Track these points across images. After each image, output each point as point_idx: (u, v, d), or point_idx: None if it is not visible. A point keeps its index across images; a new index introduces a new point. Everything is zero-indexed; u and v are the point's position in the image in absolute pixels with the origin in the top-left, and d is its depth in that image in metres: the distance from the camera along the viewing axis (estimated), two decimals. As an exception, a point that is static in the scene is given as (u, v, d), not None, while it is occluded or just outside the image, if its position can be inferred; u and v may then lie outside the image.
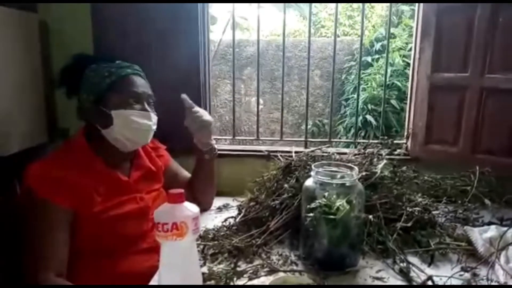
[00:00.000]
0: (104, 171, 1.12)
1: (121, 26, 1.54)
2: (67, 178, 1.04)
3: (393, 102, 3.75)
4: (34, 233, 1.01)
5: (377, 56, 4.14)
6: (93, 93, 1.13)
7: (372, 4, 4.93)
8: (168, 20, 1.53)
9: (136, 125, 1.13)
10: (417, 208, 1.13)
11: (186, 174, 1.41)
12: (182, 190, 0.76)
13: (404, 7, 4.13)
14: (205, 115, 1.29)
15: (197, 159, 1.36)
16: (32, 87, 1.49)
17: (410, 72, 1.68)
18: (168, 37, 1.54)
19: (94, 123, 1.13)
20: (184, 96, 1.29)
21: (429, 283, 0.91)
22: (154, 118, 1.18)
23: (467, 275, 0.95)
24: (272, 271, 0.97)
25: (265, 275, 0.95)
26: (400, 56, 3.83)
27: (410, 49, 2.00)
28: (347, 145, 2.92)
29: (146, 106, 1.16)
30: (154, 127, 1.18)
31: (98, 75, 1.13)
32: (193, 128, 1.28)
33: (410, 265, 0.98)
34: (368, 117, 3.79)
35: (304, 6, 4.33)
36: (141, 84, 1.18)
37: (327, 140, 1.79)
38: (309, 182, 1.01)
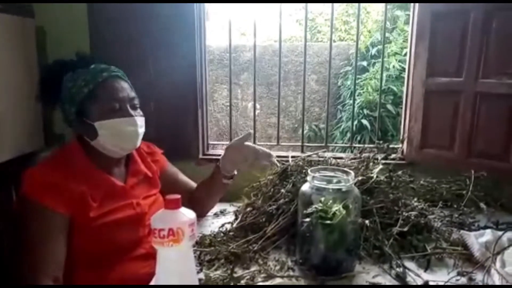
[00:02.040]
0: (99, 176, 1.12)
1: (118, 32, 1.54)
2: (62, 183, 1.04)
3: (389, 106, 3.77)
4: (30, 237, 1.01)
5: (373, 61, 4.16)
6: (74, 104, 1.10)
7: (368, 9, 4.96)
8: (165, 25, 1.53)
9: (121, 133, 1.10)
10: (413, 213, 1.13)
11: (185, 178, 1.40)
12: (178, 196, 0.76)
13: (399, 13, 4.16)
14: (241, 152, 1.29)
15: (214, 177, 1.34)
16: (29, 93, 1.49)
17: (405, 77, 1.69)
18: (164, 42, 1.55)
19: (81, 134, 1.13)
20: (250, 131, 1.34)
21: None
22: (140, 120, 1.14)
23: (463, 279, 0.96)
24: (269, 277, 0.97)
25: (262, 281, 0.95)
26: (396, 60, 3.85)
27: (406, 54, 2.01)
28: (343, 150, 2.93)
29: (130, 110, 1.12)
30: (141, 129, 1.15)
31: (75, 85, 1.10)
32: (246, 156, 1.27)
33: (407, 270, 0.98)
34: (364, 121, 3.81)
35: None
36: (121, 87, 1.12)
37: (323, 144, 1.79)
38: (305, 187, 1.01)
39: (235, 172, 1.34)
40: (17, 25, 1.43)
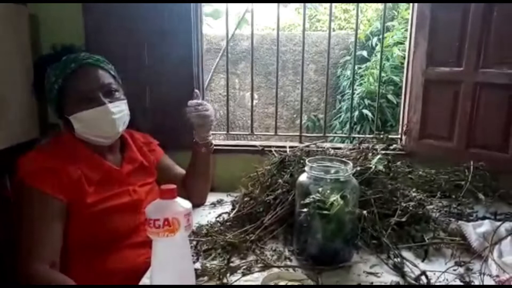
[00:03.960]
0: (94, 160, 1.12)
1: (113, 20, 1.51)
2: (58, 168, 1.04)
3: (390, 97, 3.75)
4: (27, 223, 1.01)
5: (373, 50, 4.12)
6: (50, 102, 1.12)
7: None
8: (161, 13, 1.51)
9: (96, 123, 1.10)
10: (411, 203, 1.13)
11: (180, 169, 1.40)
12: (174, 186, 0.75)
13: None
14: (209, 110, 1.30)
15: (193, 152, 1.35)
16: (23, 82, 1.47)
17: (405, 66, 1.67)
18: (160, 31, 1.52)
19: (65, 127, 1.14)
20: (196, 91, 1.33)
21: (423, 278, 0.90)
22: (116, 107, 1.12)
23: (460, 269, 0.96)
24: (266, 266, 0.96)
25: (259, 271, 0.95)
26: (399, 50, 3.81)
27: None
28: (342, 140, 2.92)
29: (102, 98, 1.09)
30: (118, 115, 1.12)
31: (49, 81, 1.11)
32: (194, 120, 1.28)
33: (404, 260, 0.98)
34: (365, 111, 3.79)
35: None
36: (90, 76, 1.10)
37: (322, 135, 1.78)
38: (303, 177, 1.00)
39: (210, 138, 1.35)
40: (8, 12, 1.40)
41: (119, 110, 1.13)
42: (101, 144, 1.14)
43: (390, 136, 1.45)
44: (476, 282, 0.91)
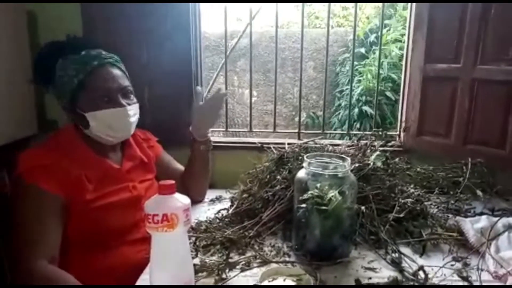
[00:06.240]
0: (94, 159, 1.12)
1: (111, 17, 1.51)
2: (57, 165, 1.04)
3: (388, 93, 3.76)
4: (25, 219, 1.01)
5: (373, 47, 4.13)
6: (65, 94, 1.10)
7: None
8: (160, 10, 1.50)
9: (113, 124, 1.10)
10: (409, 199, 1.14)
11: (178, 166, 1.40)
12: (173, 181, 0.76)
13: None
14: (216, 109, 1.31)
15: (192, 149, 1.35)
16: (21, 78, 1.47)
17: (403, 63, 1.67)
18: (159, 28, 1.52)
19: (75, 122, 1.13)
20: (198, 88, 1.35)
21: (421, 273, 0.91)
22: (132, 109, 1.14)
23: (458, 265, 0.96)
24: (265, 262, 0.97)
25: (258, 267, 0.95)
26: (397, 47, 3.81)
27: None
28: (341, 137, 2.92)
29: (121, 99, 1.11)
30: (133, 118, 1.14)
31: (66, 74, 1.09)
32: (199, 113, 1.29)
33: (402, 256, 0.98)
34: (365, 108, 3.79)
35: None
36: (111, 76, 1.11)
37: (320, 131, 1.78)
38: (301, 173, 1.01)
39: (209, 135, 1.35)
40: (7, 9, 1.39)
41: (134, 113, 1.15)
42: (108, 143, 1.15)
43: (388, 133, 1.45)
44: (474, 277, 0.91)
